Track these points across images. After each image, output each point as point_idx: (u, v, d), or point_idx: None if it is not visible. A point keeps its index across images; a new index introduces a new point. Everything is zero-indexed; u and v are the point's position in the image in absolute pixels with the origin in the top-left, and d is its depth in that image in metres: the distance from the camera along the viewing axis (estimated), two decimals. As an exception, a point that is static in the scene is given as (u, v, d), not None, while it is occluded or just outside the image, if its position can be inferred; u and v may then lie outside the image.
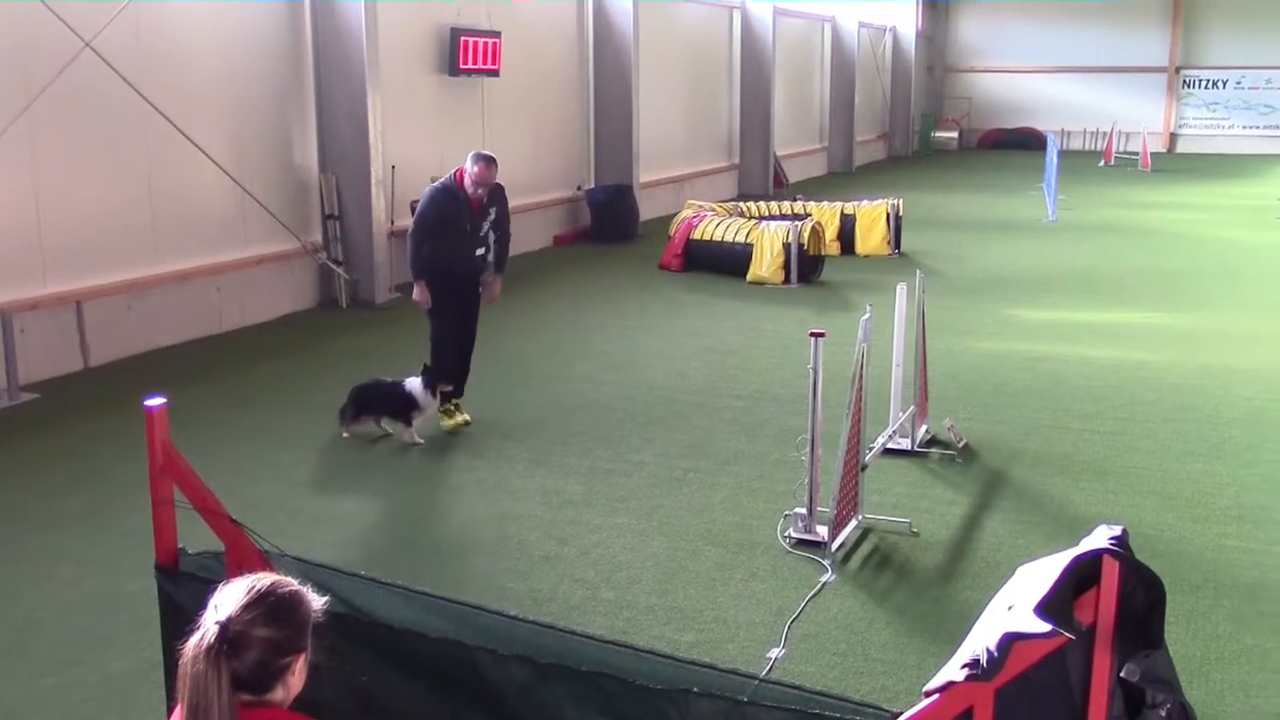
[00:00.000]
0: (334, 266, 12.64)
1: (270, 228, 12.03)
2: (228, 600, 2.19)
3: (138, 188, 10.61)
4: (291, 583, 2.29)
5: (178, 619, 3.07)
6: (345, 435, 8.15)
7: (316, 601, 2.30)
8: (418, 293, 8.34)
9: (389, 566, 5.95)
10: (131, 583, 5.64)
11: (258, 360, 10.45)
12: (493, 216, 8.37)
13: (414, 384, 8.06)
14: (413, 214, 13.55)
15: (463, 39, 14.55)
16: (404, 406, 8.06)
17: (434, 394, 8.07)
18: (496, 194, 8.35)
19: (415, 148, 14.00)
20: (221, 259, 11.50)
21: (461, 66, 14.61)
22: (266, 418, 8.69)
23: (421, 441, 8.04)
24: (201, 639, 2.14)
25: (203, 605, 2.23)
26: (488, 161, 8.12)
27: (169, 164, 10.86)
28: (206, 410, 8.74)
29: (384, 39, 12.84)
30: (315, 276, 12.75)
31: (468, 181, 8.13)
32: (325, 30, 12.53)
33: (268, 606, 2.19)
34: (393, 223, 13.40)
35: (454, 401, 8.42)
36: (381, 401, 8.14)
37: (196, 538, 3.50)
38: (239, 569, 3.11)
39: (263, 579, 2.25)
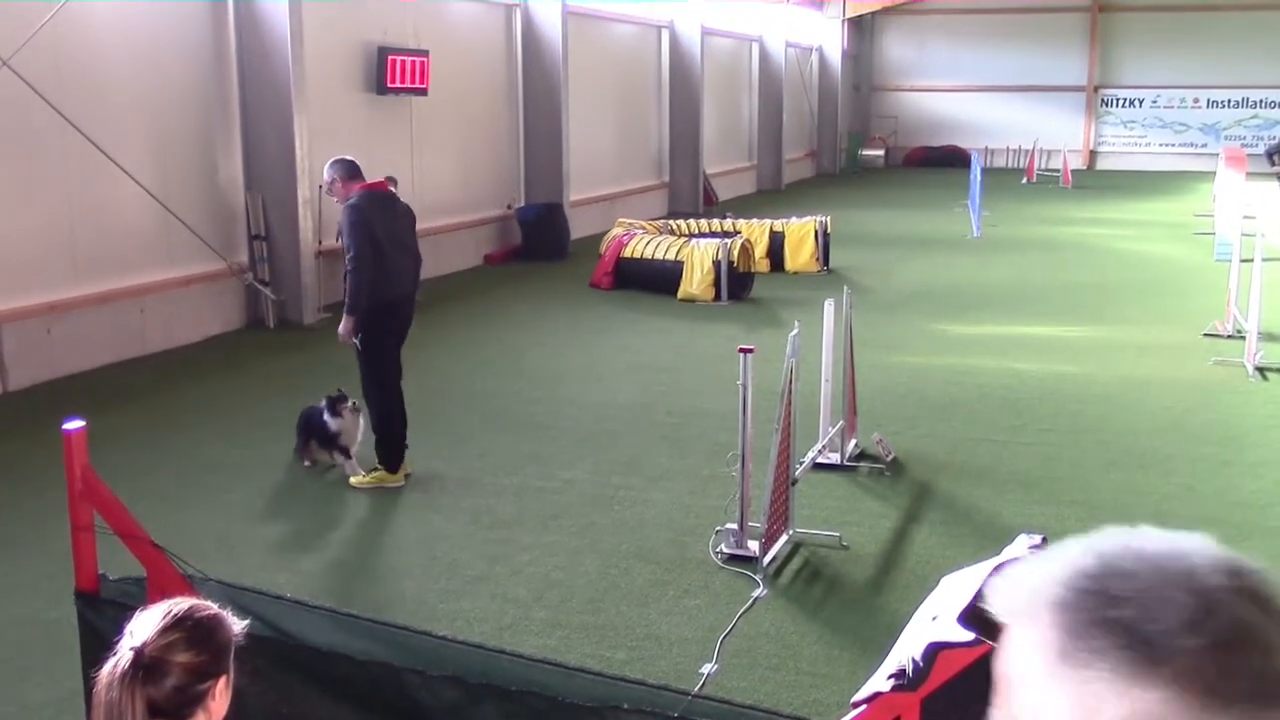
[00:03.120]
0: (261, 287, 12.49)
1: (195, 248, 11.86)
2: (143, 626, 2.15)
3: (57, 207, 10.41)
4: (211, 606, 2.25)
5: (98, 646, 3.01)
6: (306, 464, 7.89)
7: (237, 625, 2.27)
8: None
9: (318, 589, 5.88)
10: (51, 610, 5.51)
11: (183, 382, 10.28)
12: None
13: (329, 418, 7.71)
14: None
15: (390, 58, 14.49)
16: (324, 437, 7.73)
17: (339, 415, 7.62)
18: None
19: (343, 167, 13.88)
20: (145, 280, 11.32)
21: (389, 85, 14.54)
22: (193, 441, 8.55)
23: (356, 474, 7.61)
24: (115, 665, 2.10)
25: (122, 632, 2.20)
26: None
27: (89, 183, 10.68)
28: (131, 434, 8.58)
29: (310, 57, 12.74)
30: (242, 297, 12.59)
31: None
32: (250, 48, 12.41)
33: (185, 631, 2.15)
34: (320, 243, 13.27)
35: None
36: (312, 430, 7.83)
37: (119, 564, 3.44)
38: (161, 594, 3.06)
39: (180, 603, 2.22)
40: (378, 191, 7.57)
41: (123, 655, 2.11)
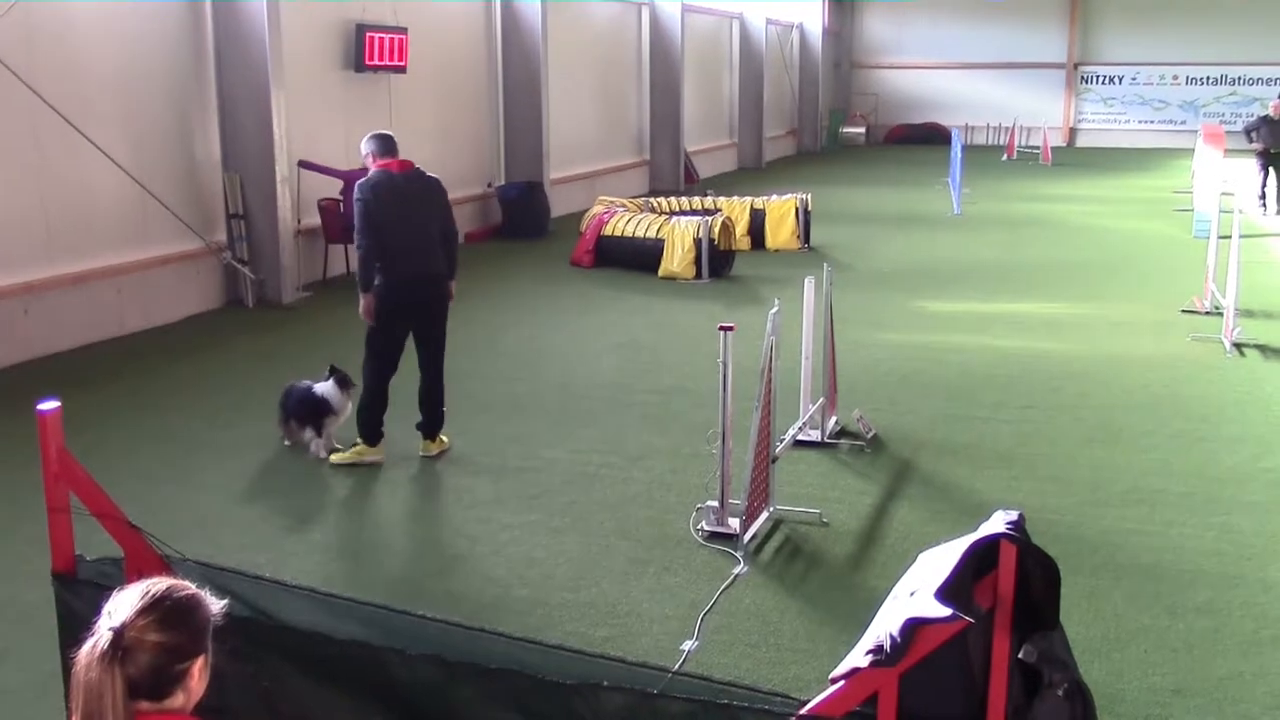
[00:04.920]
0: (239, 266, 12.42)
1: (173, 227, 11.78)
2: (122, 606, 2.15)
3: (31, 187, 10.32)
4: (189, 586, 2.25)
5: (76, 628, 2.99)
6: (287, 443, 7.86)
7: (215, 605, 2.26)
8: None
9: (298, 569, 5.88)
10: (29, 592, 5.49)
11: (162, 362, 10.23)
12: None
13: (325, 387, 7.72)
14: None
15: (369, 35, 14.39)
16: (314, 412, 7.71)
17: (346, 395, 7.75)
18: None
19: (321, 145, 13.81)
20: (122, 260, 11.23)
21: (368, 63, 14.45)
22: (171, 421, 8.52)
23: (333, 450, 7.69)
24: (94, 646, 2.10)
25: (100, 612, 2.19)
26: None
27: (64, 163, 10.59)
28: (110, 414, 8.54)
29: (287, 34, 12.63)
30: (220, 277, 12.52)
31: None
32: (226, 25, 12.29)
33: (163, 611, 2.15)
34: (299, 221, 13.20)
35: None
36: (296, 406, 7.78)
37: (97, 545, 3.42)
38: (139, 575, 3.05)
39: (158, 583, 2.21)
40: (392, 170, 7.43)
41: (101, 635, 2.11)
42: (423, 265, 7.49)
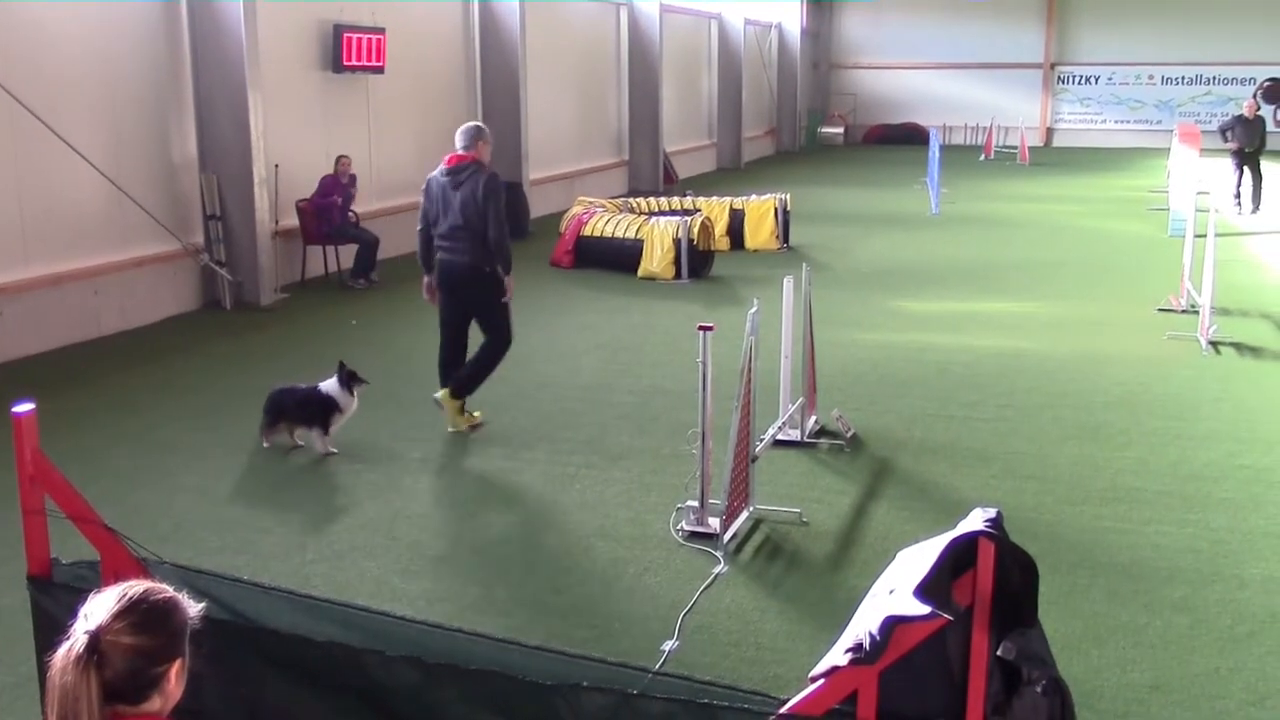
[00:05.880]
0: (217, 268, 12.36)
1: (150, 229, 11.71)
2: (97, 609, 2.14)
3: (6, 188, 10.24)
4: (165, 589, 2.23)
5: (52, 631, 2.98)
6: (266, 445, 7.83)
7: (193, 608, 2.25)
8: (510, 287, 8.17)
9: (278, 571, 5.86)
10: (4, 596, 5.45)
11: (139, 364, 10.17)
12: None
13: (330, 385, 7.73)
14: (311, 212, 13.35)
15: (346, 35, 14.34)
16: (321, 411, 7.71)
17: (351, 393, 7.76)
18: None
19: (299, 146, 13.76)
20: (99, 261, 11.17)
21: (345, 63, 14.40)
22: (148, 423, 8.47)
23: (335, 451, 7.72)
24: (70, 649, 2.09)
25: (76, 615, 2.18)
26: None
27: (40, 163, 10.51)
28: (86, 416, 8.49)
29: (265, 35, 12.58)
30: (198, 278, 12.46)
31: (489, 158, 8.15)
32: (203, 25, 12.23)
33: (139, 614, 2.14)
34: (277, 223, 13.15)
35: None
36: (297, 408, 7.76)
37: (74, 548, 3.40)
38: (115, 578, 3.03)
39: (134, 586, 2.20)
40: (446, 165, 8.09)
41: (76, 638, 2.10)
42: (454, 252, 8.07)
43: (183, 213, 12.31)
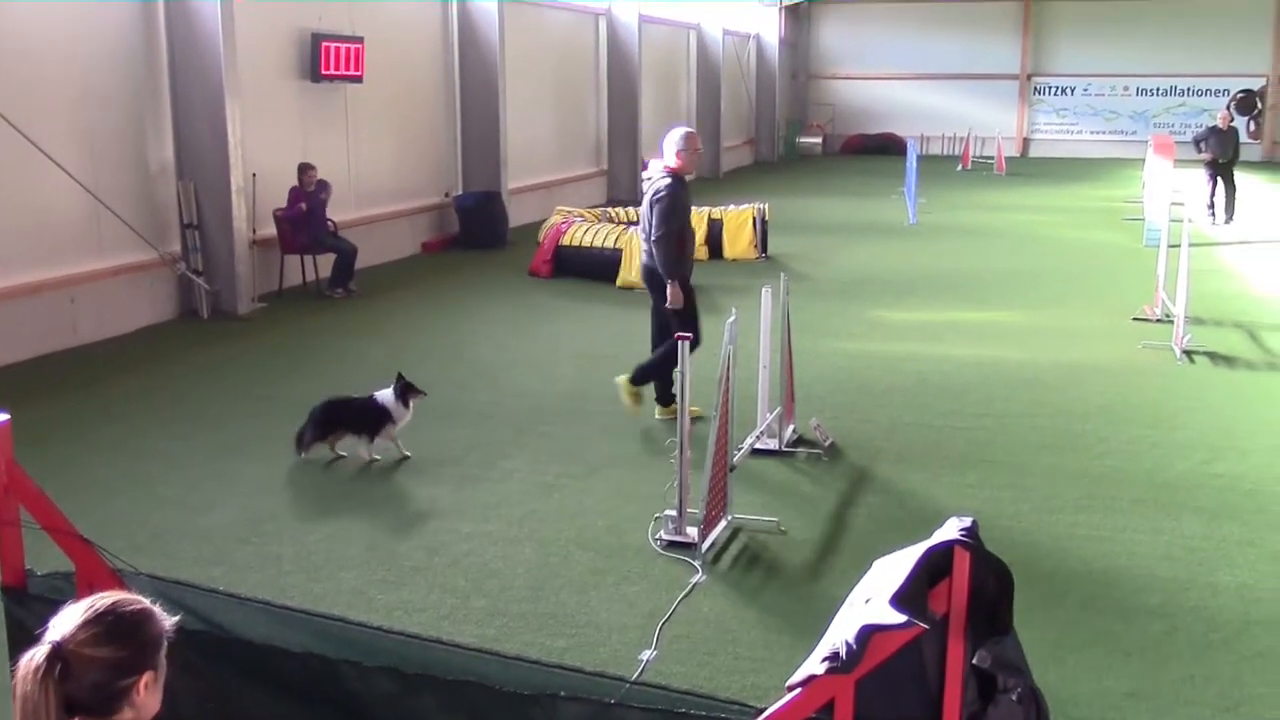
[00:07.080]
0: (194, 277, 12.31)
1: (127, 237, 11.65)
2: (64, 621, 2.12)
3: (-18, 197, 10.19)
4: (138, 601, 2.22)
5: (26, 643, 2.96)
6: (302, 457, 7.77)
7: (167, 620, 2.24)
8: (673, 293, 8.29)
9: (255, 582, 5.83)
10: (-21, 608, 5.41)
11: (116, 373, 10.12)
12: None
13: (385, 395, 7.81)
14: (287, 219, 13.29)
15: (324, 44, 14.32)
16: (376, 421, 7.77)
17: (406, 404, 7.81)
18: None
19: (277, 155, 13.72)
20: (75, 270, 11.10)
21: (324, 72, 14.38)
22: (125, 432, 8.42)
23: (379, 459, 7.75)
24: (30, 660, 2.07)
25: (47, 627, 2.16)
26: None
27: (15, 171, 10.45)
28: (62, 426, 8.43)
29: (242, 43, 12.54)
30: (175, 287, 12.40)
31: (687, 165, 8.33)
32: (180, 34, 12.19)
33: (105, 626, 2.12)
34: (255, 232, 13.10)
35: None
36: (352, 418, 7.79)
37: (49, 559, 3.38)
38: (90, 589, 3.02)
39: (104, 598, 2.18)
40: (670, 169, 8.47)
41: (38, 649, 2.09)
42: (644, 254, 8.71)
43: (160, 221, 12.26)
